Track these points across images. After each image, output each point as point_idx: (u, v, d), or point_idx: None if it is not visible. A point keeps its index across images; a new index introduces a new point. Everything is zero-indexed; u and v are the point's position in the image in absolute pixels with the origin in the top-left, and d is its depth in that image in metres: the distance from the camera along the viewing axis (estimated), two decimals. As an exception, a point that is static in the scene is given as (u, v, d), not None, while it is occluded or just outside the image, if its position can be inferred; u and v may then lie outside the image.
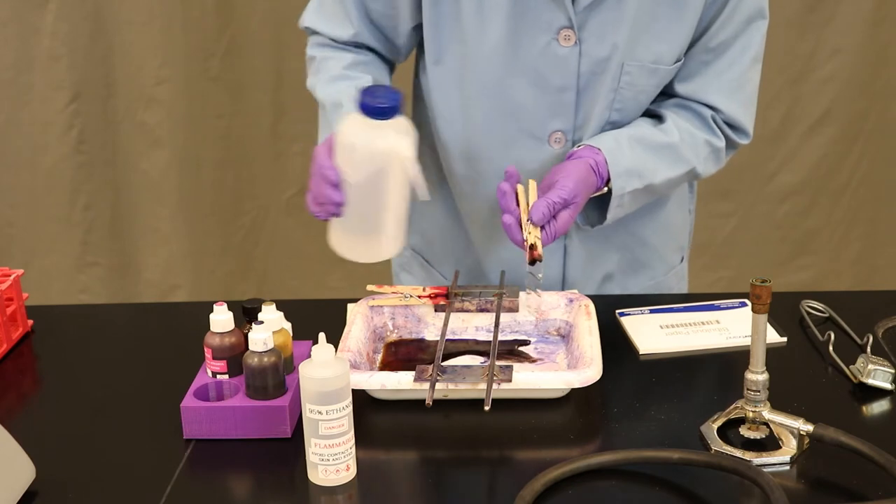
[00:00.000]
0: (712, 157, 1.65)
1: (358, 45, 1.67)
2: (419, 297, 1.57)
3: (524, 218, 1.48)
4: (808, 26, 2.84)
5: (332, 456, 1.24)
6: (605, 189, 1.57)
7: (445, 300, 1.57)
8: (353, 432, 1.26)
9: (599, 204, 1.61)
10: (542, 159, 1.62)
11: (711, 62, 1.60)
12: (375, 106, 1.35)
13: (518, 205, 1.50)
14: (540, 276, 1.49)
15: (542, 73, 1.57)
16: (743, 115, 1.64)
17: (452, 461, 1.33)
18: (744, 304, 1.67)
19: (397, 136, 1.37)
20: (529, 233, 1.46)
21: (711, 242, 3.05)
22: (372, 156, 1.37)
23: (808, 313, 1.63)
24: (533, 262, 1.44)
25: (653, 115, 1.65)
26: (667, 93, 1.65)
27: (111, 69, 2.81)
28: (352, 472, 1.27)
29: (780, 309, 1.56)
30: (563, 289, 1.72)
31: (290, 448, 1.33)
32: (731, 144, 1.67)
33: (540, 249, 1.44)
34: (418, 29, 1.63)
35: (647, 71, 1.57)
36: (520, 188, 1.53)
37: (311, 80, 1.67)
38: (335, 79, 1.61)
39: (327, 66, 1.64)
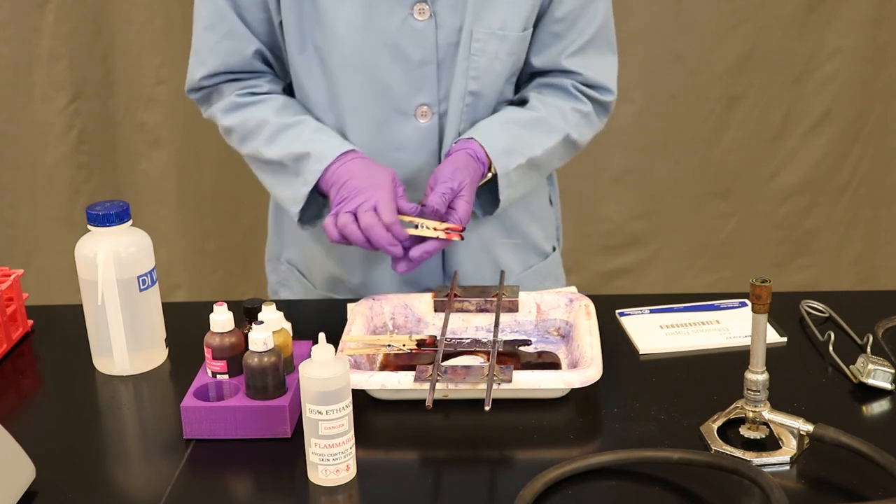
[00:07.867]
0: (583, 122, 1.72)
1: (255, 73, 1.68)
2: (403, 344, 1.51)
3: (415, 221, 1.54)
4: (808, 26, 2.84)
5: (332, 456, 1.24)
6: (490, 175, 1.62)
7: (431, 350, 1.48)
8: (353, 432, 1.26)
9: (492, 192, 1.66)
10: (410, 135, 1.65)
11: (562, 33, 1.67)
12: None
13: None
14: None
15: (402, 48, 1.60)
16: (601, 74, 1.72)
17: (452, 461, 1.33)
18: (744, 304, 1.67)
19: None
20: (427, 227, 1.53)
21: (711, 242, 3.05)
22: None
23: (808, 313, 1.63)
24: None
25: (518, 101, 1.72)
26: (526, 71, 1.72)
27: (111, 69, 2.81)
28: (352, 472, 1.27)
29: (780, 309, 1.56)
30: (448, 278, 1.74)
31: (290, 448, 1.33)
32: (599, 104, 1.74)
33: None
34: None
35: (496, 38, 1.63)
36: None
37: (248, 147, 1.68)
38: (277, 133, 1.63)
39: (255, 128, 1.65)
